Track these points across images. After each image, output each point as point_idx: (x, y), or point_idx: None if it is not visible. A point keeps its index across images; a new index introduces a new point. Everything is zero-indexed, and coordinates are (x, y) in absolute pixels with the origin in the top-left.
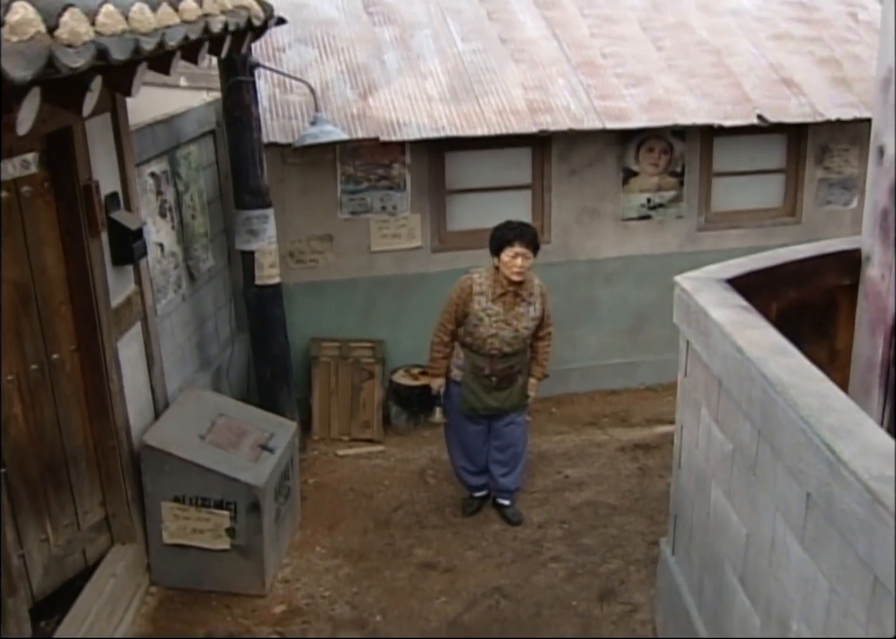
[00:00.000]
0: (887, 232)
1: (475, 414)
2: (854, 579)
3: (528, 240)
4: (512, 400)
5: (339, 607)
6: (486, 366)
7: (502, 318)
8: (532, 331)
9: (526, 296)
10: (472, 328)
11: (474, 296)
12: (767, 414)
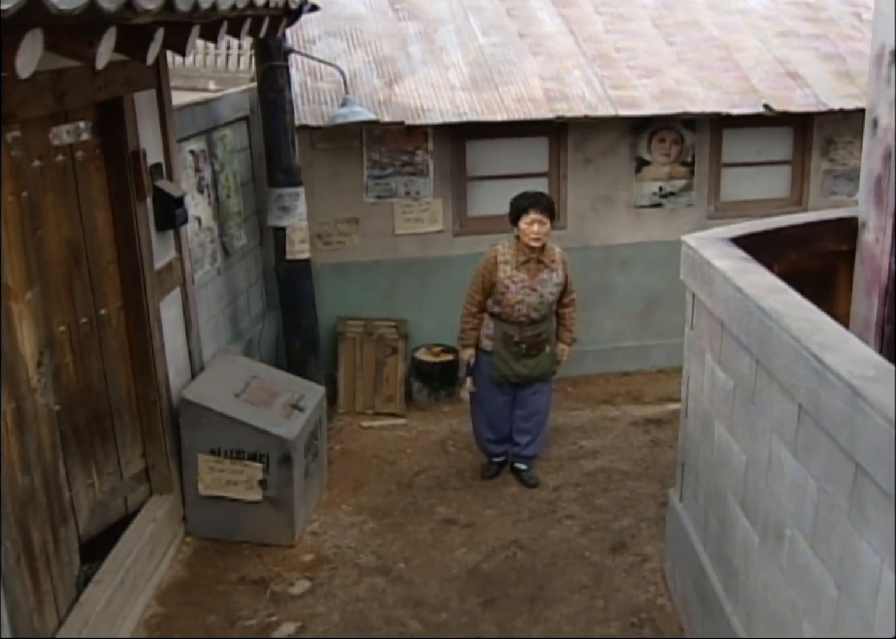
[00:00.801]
0: (881, 197)
1: (505, 381)
2: (838, 473)
3: (543, 206)
4: (540, 367)
5: (364, 557)
6: (516, 333)
7: (528, 284)
8: (556, 296)
9: (548, 262)
10: (499, 296)
11: (499, 265)
12: (764, 341)
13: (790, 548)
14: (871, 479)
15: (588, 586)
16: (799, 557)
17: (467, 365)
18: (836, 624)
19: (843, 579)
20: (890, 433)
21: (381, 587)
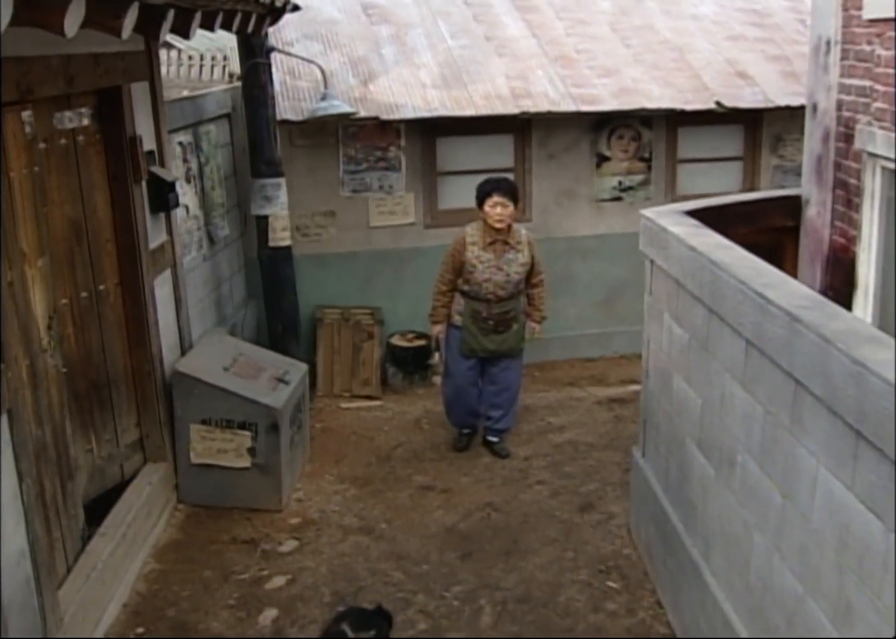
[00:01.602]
0: (821, 175)
1: (474, 355)
2: (780, 394)
3: (505, 190)
4: (508, 343)
5: (347, 519)
6: (484, 310)
7: (494, 263)
8: (522, 276)
9: (514, 243)
10: (468, 275)
11: (468, 246)
12: (715, 290)
13: (742, 472)
14: (808, 390)
15: (558, 539)
16: (749, 478)
17: (436, 340)
18: (781, 528)
19: (786, 487)
20: (822, 347)
21: (365, 544)
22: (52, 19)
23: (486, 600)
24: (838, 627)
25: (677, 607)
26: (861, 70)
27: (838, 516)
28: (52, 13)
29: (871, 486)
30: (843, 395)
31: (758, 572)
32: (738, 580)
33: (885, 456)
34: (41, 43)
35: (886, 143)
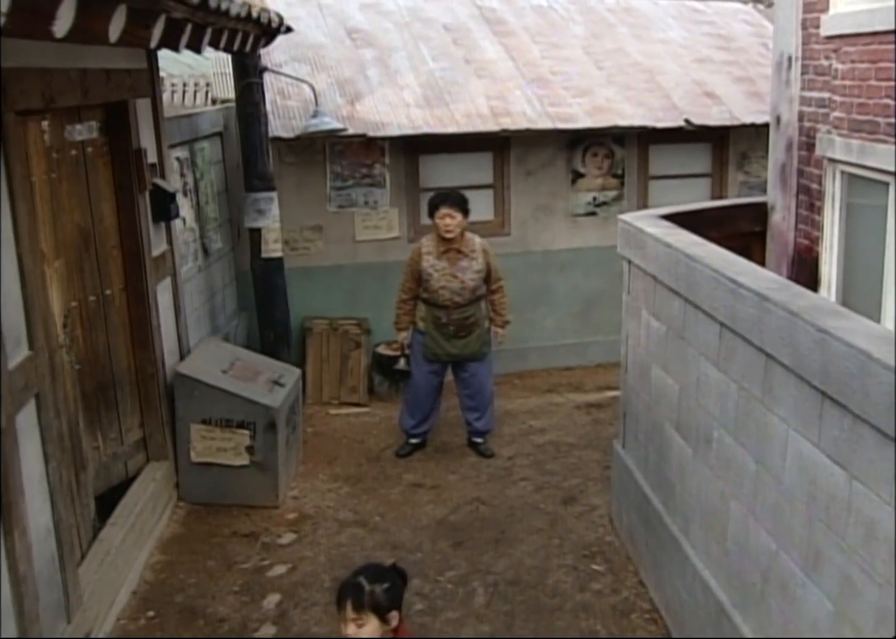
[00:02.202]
0: (786, 181)
1: (438, 359)
2: (752, 369)
3: (453, 202)
4: (470, 348)
5: (342, 513)
6: (444, 316)
7: (448, 271)
8: (477, 282)
9: (467, 252)
10: (426, 283)
11: (423, 256)
12: (690, 281)
13: (718, 446)
14: (777, 362)
15: (544, 529)
16: (725, 451)
17: (401, 346)
18: (755, 493)
19: (759, 454)
20: (789, 320)
21: (360, 536)
22: (99, 26)
23: (479, 583)
24: (809, 573)
25: (659, 583)
26: (820, 83)
27: (807, 472)
28: (99, 20)
29: (835, 440)
30: (809, 361)
31: (734, 537)
32: (715, 548)
33: (847, 410)
34: (62, 56)
35: (845, 148)
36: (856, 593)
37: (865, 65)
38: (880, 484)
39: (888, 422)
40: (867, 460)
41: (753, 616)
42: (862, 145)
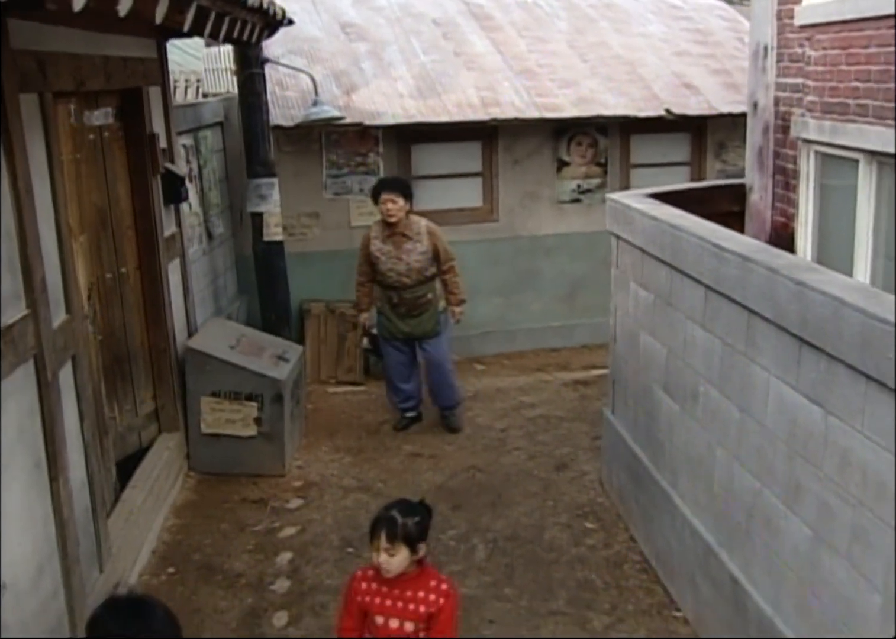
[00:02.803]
0: (763, 163)
1: (393, 338)
2: (736, 325)
3: (393, 188)
4: (423, 327)
5: (346, 480)
6: (395, 296)
7: (394, 254)
8: (425, 264)
9: (412, 235)
10: (376, 266)
11: (372, 240)
12: (676, 250)
13: (704, 400)
14: (759, 315)
15: (538, 493)
16: (711, 403)
17: (363, 326)
18: (740, 440)
19: (743, 402)
20: (770, 277)
21: (364, 500)
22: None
23: (479, 540)
24: (790, 505)
25: (649, 536)
26: (794, 69)
27: (787, 413)
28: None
29: (812, 381)
30: (788, 312)
31: (720, 482)
32: (703, 495)
33: (823, 353)
34: (88, 43)
35: (818, 129)
36: (832, 517)
37: (836, 51)
38: (853, 415)
39: (860, 358)
40: (841, 396)
41: (739, 552)
42: (834, 126)
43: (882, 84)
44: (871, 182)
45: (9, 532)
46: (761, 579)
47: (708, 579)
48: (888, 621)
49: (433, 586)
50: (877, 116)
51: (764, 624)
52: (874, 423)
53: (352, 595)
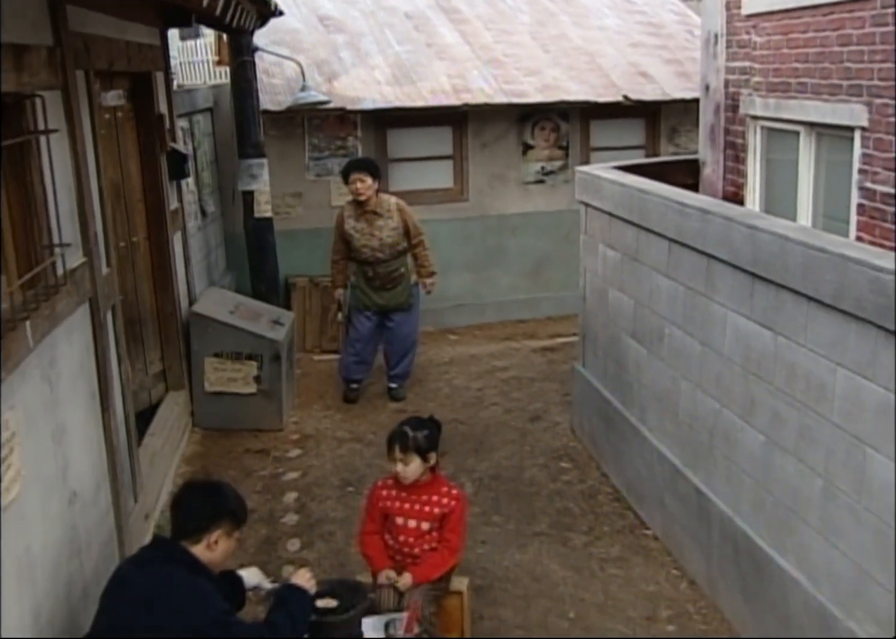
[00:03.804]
0: (715, 140)
1: (367, 309)
2: (696, 271)
3: (361, 168)
4: (396, 299)
5: (339, 433)
6: (370, 270)
7: (367, 231)
8: (396, 239)
9: (382, 212)
10: (350, 244)
11: (345, 219)
12: (642, 210)
13: (669, 340)
14: (717, 259)
15: (516, 440)
16: (675, 342)
17: (339, 301)
18: (702, 370)
19: (704, 337)
20: (726, 225)
21: (357, 449)
22: None
23: (466, 478)
24: (746, 419)
25: (620, 470)
26: (742, 54)
27: (742, 340)
28: None
29: (763, 309)
30: (742, 253)
31: (685, 410)
32: (669, 424)
33: (772, 284)
34: (115, 29)
35: (764, 106)
36: (782, 422)
37: (778, 37)
38: (798, 333)
39: (803, 284)
40: (788, 318)
41: (702, 468)
42: (777, 102)
43: (818, 64)
44: (811, 150)
45: (76, 450)
46: (722, 487)
47: (675, 496)
48: (828, 501)
49: (445, 492)
50: (814, 92)
51: (725, 524)
52: (815, 336)
53: (374, 502)
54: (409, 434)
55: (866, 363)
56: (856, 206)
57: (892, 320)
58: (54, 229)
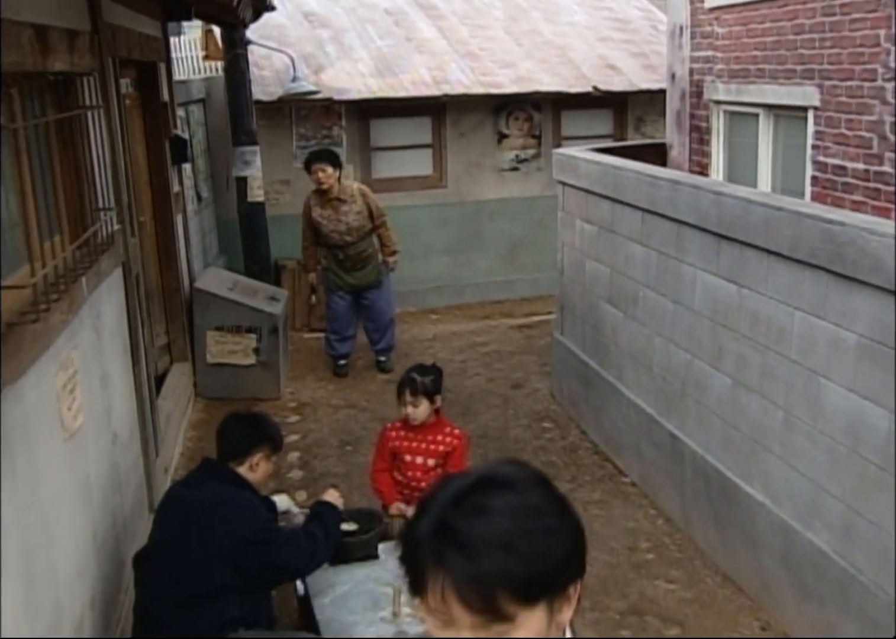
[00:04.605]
0: (681, 124)
1: (341, 290)
2: (668, 236)
3: (322, 158)
4: (367, 278)
5: (334, 401)
6: (340, 253)
7: (334, 217)
8: (362, 222)
9: (346, 197)
10: (319, 230)
11: (312, 208)
12: (617, 185)
13: (643, 302)
14: (687, 224)
15: (500, 405)
16: (649, 303)
17: (311, 284)
18: (674, 326)
19: (676, 296)
20: (694, 192)
21: (353, 414)
22: None
23: None
24: (715, 365)
25: (599, 426)
26: (705, 44)
27: (710, 295)
28: None
29: (729, 267)
30: (709, 216)
31: (659, 363)
32: (644, 378)
33: (736, 242)
34: (132, 21)
35: (725, 91)
36: (747, 364)
37: (739, 28)
38: (759, 284)
39: (763, 240)
40: (750, 272)
41: (676, 414)
42: (738, 87)
43: (775, 51)
44: (769, 130)
45: (116, 396)
46: (694, 430)
47: (651, 443)
48: (788, 429)
49: (448, 431)
50: (772, 77)
51: (697, 462)
52: (775, 286)
53: (384, 442)
54: (418, 379)
55: (819, 305)
56: (810, 178)
57: (841, 265)
58: (100, 196)
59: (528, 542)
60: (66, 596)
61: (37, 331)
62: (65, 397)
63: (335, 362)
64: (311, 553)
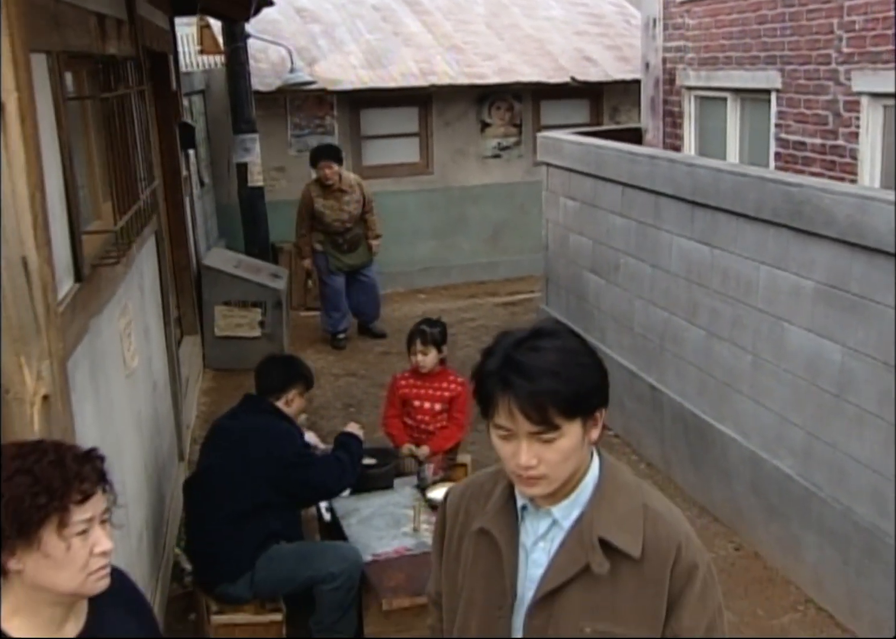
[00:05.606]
0: (655, 109)
1: (339, 270)
2: (647, 208)
3: (329, 156)
4: (361, 258)
5: (335, 369)
6: (340, 238)
7: (337, 207)
8: (359, 209)
9: (347, 188)
10: (322, 218)
11: (314, 199)
12: (599, 162)
13: (624, 269)
14: (663, 194)
15: None
16: (629, 269)
17: (307, 269)
18: (653, 288)
19: (654, 261)
20: (670, 166)
21: (353, 381)
22: None
23: None
24: (690, 320)
25: None
26: (677, 35)
27: (685, 258)
28: None
29: (701, 230)
30: (684, 185)
31: (639, 324)
32: (626, 338)
33: (709, 208)
34: (150, 13)
35: (696, 78)
36: (718, 316)
37: (708, 19)
38: (729, 244)
39: (732, 204)
40: (721, 234)
41: (655, 368)
42: (708, 74)
43: (741, 40)
44: (737, 113)
45: (155, 349)
46: (672, 380)
47: (632, 397)
48: (756, 370)
49: (452, 379)
50: (738, 64)
51: (675, 409)
52: (743, 245)
53: (394, 390)
54: (427, 330)
55: (781, 258)
56: (774, 154)
57: (800, 221)
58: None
59: (570, 370)
60: (133, 512)
61: (107, 277)
62: (125, 339)
63: (334, 337)
64: (340, 475)
